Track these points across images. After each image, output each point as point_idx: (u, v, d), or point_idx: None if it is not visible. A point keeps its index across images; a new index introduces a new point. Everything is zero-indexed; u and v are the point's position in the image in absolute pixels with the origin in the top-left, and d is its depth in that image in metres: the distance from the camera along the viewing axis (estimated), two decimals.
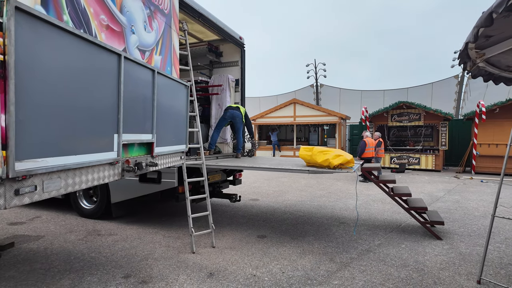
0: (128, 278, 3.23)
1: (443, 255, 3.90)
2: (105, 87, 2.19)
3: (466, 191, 8.47)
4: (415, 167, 13.24)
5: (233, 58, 6.87)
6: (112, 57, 2.24)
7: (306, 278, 3.27)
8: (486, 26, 1.85)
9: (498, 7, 1.67)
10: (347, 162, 4.03)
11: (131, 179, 4.88)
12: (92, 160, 2.09)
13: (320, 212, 6.12)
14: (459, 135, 14.36)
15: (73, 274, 3.32)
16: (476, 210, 6.32)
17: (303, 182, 10.04)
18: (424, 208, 4.71)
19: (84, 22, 2.06)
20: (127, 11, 2.58)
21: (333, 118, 15.77)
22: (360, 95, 23.47)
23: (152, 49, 3.05)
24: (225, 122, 6.00)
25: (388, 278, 3.27)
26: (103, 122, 2.19)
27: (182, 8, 4.48)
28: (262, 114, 17.75)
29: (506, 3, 1.60)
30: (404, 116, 13.57)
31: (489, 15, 1.75)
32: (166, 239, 4.46)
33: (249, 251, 4.00)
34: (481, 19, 1.83)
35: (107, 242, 4.31)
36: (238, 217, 5.72)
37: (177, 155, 3.62)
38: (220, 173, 5.78)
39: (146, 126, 2.79)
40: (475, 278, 3.25)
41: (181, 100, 3.58)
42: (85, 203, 5.49)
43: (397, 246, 4.23)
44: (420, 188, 9.01)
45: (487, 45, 2.52)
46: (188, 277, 3.26)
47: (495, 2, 1.69)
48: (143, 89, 2.72)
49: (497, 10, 1.67)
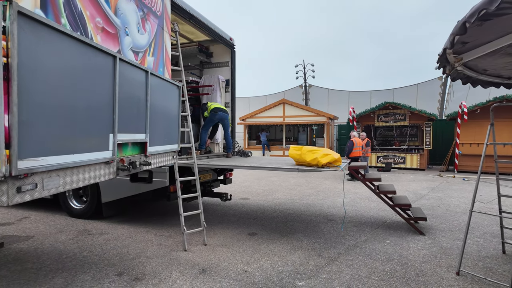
0: (121, 276, 3.28)
1: (426, 249, 4.09)
2: (101, 88, 2.25)
3: (448, 189, 8.79)
4: (401, 166, 13.60)
5: (224, 59, 6.95)
6: (108, 59, 2.29)
7: (295, 272, 3.39)
8: (461, 34, 2.01)
9: (470, 17, 1.82)
10: (335, 161, 4.17)
11: (122, 179, 4.90)
12: (89, 159, 2.14)
13: (309, 210, 6.27)
14: (442, 135, 14.81)
15: (66, 273, 3.34)
16: (457, 206, 6.59)
17: (292, 181, 10.19)
18: (408, 205, 4.90)
19: (81, 25, 2.11)
20: (121, 14, 2.64)
21: (321, 118, 16.01)
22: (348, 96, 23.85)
23: (145, 51, 3.11)
24: (212, 123, 6.07)
25: (374, 272, 3.42)
26: (100, 122, 2.25)
27: (173, 9, 4.54)
28: (252, 114, 17.86)
29: (477, 14, 1.76)
30: (390, 116, 13.92)
31: (462, 24, 1.90)
32: (158, 237, 4.50)
33: (240, 248, 4.10)
34: (456, 27, 1.98)
35: (98, 241, 4.33)
36: (229, 215, 5.81)
37: (169, 154, 3.69)
38: (211, 172, 5.85)
39: (140, 126, 2.85)
40: (455, 270, 3.44)
41: (173, 101, 3.65)
42: (75, 203, 5.47)
43: (383, 241, 4.41)
44: (405, 186, 9.29)
45: (464, 51, 2.69)
46: (181, 274, 3.33)
47: (468, 13, 1.84)
48: (137, 90, 2.78)
49: (470, 20, 1.82)
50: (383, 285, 3.11)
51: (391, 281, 3.19)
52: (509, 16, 1.94)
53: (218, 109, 5.95)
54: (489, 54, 2.80)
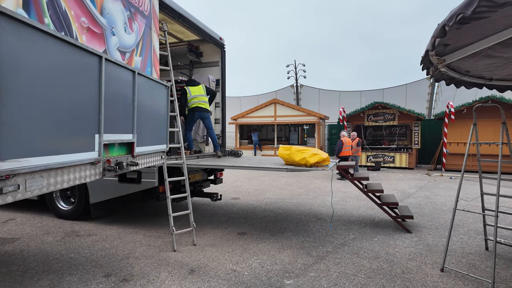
0: (109, 277, 3.26)
1: (412, 247, 4.17)
2: (86, 88, 2.24)
3: (436, 188, 8.96)
4: (390, 165, 13.79)
5: (214, 59, 6.94)
6: (93, 59, 2.28)
7: (284, 271, 3.42)
8: (441, 37, 2.06)
9: (449, 20, 1.88)
10: (323, 161, 4.22)
11: (111, 179, 4.86)
12: (74, 160, 2.13)
13: (299, 209, 6.32)
14: (431, 134, 15.08)
15: (52, 275, 3.30)
16: (444, 205, 6.73)
17: (283, 181, 10.24)
18: (395, 204, 4.99)
19: (65, 25, 2.09)
20: (108, 13, 2.62)
21: (312, 118, 16.12)
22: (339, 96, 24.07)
23: (133, 51, 3.10)
24: (193, 123, 6.01)
25: (361, 269, 3.48)
26: (85, 122, 2.24)
27: (162, 8, 4.52)
28: (243, 114, 17.87)
29: (455, 17, 1.81)
30: (380, 116, 14.10)
31: (442, 27, 1.96)
32: (147, 238, 4.48)
33: (230, 248, 4.11)
34: (436, 30, 2.04)
35: (86, 242, 4.29)
36: (219, 215, 5.81)
37: (158, 154, 3.68)
38: (201, 172, 5.84)
39: (127, 126, 2.84)
40: (439, 266, 3.52)
41: (161, 101, 3.64)
42: (62, 204, 5.40)
43: (370, 239, 4.47)
44: (394, 185, 9.43)
45: (446, 52, 2.76)
46: (169, 274, 3.33)
47: (447, 16, 1.90)
48: (123, 90, 2.77)
49: (448, 23, 1.87)
50: (370, 283, 3.16)
51: (378, 279, 3.25)
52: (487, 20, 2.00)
53: (196, 109, 5.78)
54: (470, 56, 2.88)
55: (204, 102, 5.85)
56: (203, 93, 5.87)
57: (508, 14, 1.93)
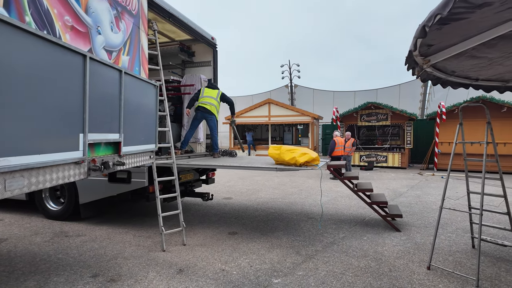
0: (96, 277, 3.24)
1: (400, 245, 4.21)
2: (70, 88, 2.22)
3: (427, 187, 9.05)
4: (383, 164, 13.89)
5: (206, 58, 6.93)
6: (77, 58, 2.27)
7: (272, 270, 3.43)
8: (421, 37, 2.09)
9: (428, 21, 1.90)
10: (313, 160, 4.24)
11: (100, 179, 4.83)
12: (57, 159, 2.11)
13: (291, 208, 6.34)
14: (423, 134, 15.21)
15: (39, 276, 3.28)
16: (434, 203, 6.80)
17: (276, 180, 10.26)
18: (385, 203, 5.03)
19: (47, 23, 2.08)
20: (93, 12, 2.61)
21: (306, 118, 16.17)
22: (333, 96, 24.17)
23: (120, 50, 3.08)
24: (197, 122, 6.05)
25: (349, 268, 3.50)
26: (68, 121, 2.23)
27: (152, 7, 4.50)
28: (238, 113, 17.84)
29: (433, 18, 1.84)
30: (373, 116, 14.19)
31: (422, 28, 1.98)
32: (137, 238, 4.47)
33: (220, 248, 4.11)
34: (417, 31, 2.07)
35: (75, 243, 4.26)
36: (211, 215, 5.81)
37: (146, 154, 3.66)
38: (192, 172, 5.83)
39: (113, 126, 2.83)
40: (426, 264, 3.56)
41: (150, 100, 3.63)
42: (52, 204, 5.35)
43: (360, 238, 4.51)
44: (386, 184, 9.51)
45: (431, 53, 2.79)
46: (157, 274, 3.32)
47: (426, 17, 1.92)
48: (109, 90, 2.76)
49: (428, 24, 1.90)
50: (357, 281, 3.19)
51: (365, 277, 3.28)
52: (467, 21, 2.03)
53: (200, 108, 5.89)
54: (455, 57, 2.92)
55: (210, 104, 5.97)
56: (214, 96, 6.04)
57: (487, 15, 1.96)
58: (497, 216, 5.55)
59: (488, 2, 1.70)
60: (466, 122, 12.47)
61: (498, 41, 2.68)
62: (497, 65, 3.19)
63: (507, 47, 2.82)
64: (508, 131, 11.89)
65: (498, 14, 1.99)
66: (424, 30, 1.96)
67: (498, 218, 5.48)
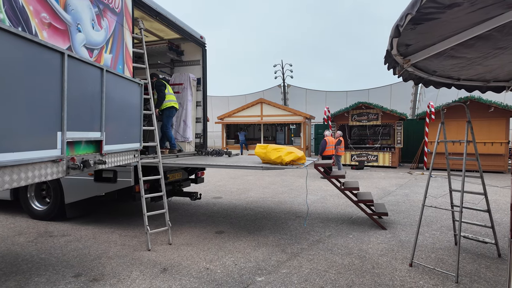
0: (79, 277, 3.22)
1: (385, 243, 4.26)
2: (47, 85, 2.20)
3: (415, 186, 9.15)
4: (374, 164, 14.01)
5: (195, 57, 6.92)
6: (54, 55, 2.25)
7: (257, 268, 3.45)
8: (396, 37, 2.12)
9: (400, 21, 1.93)
10: (298, 159, 4.26)
11: (86, 179, 4.79)
12: (33, 158, 2.09)
13: (280, 207, 6.36)
14: (413, 134, 15.38)
15: (20, 276, 3.24)
16: (421, 202, 6.87)
17: (267, 180, 10.28)
18: (371, 201, 5.08)
19: (23, 20, 2.06)
20: (72, 10, 2.59)
21: (298, 118, 16.22)
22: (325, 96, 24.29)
23: (102, 48, 3.06)
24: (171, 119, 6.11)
25: (332, 265, 3.53)
26: (45, 120, 2.21)
27: (138, 6, 4.48)
28: (230, 113, 17.84)
29: (404, 18, 1.87)
30: (364, 116, 14.30)
31: (396, 27, 2.01)
32: (122, 238, 4.44)
33: (205, 247, 4.11)
34: (392, 30, 2.10)
35: (59, 243, 4.22)
36: (199, 214, 5.80)
37: (130, 153, 3.64)
38: (180, 171, 5.82)
39: (94, 124, 2.81)
40: (409, 262, 3.61)
41: (134, 99, 3.61)
42: (37, 204, 5.29)
43: (345, 236, 4.55)
44: (376, 183, 9.59)
45: (410, 52, 2.83)
46: (141, 273, 3.31)
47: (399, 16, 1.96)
48: (90, 88, 2.74)
49: (400, 23, 1.93)
50: (339, 278, 3.22)
51: (348, 274, 3.31)
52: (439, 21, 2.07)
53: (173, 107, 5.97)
54: (434, 56, 2.96)
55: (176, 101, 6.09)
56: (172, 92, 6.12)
57: (458, 16, 2.00)
58: (481, 214, 5.64)
59: (457, 3, 1.74)
60: (455, 122, 12.68)
61: (476, 42, 2.73)
62: (476, 65, 3.25)
63: (485, 47, 2.87)
64: (495, 130, 12.10)
65: (470, 14, 2.03)
66: (398, 30, 1.99)
67: (482, 216, 5.58)
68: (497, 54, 3.02)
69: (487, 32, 2.49)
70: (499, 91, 4.16)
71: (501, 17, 2.27)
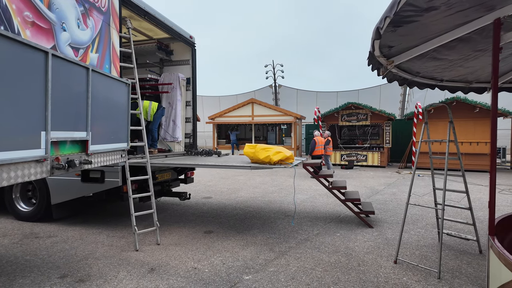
0: (64, 278, 3.19)
1: (371, 241, 4.33)
2: (31, 85, 2.19)
3: (403, 185, 9.31)
4: (363, 163, 14.18)
5: (184, 57, 6.90)
6: (38, 54, 2.23)
7: (244, 267, 3.47)
8: (377, 39, 2.18)
9: (380, 23, 1.99)
10: (287, 159, 4.31)
11: (73, 179, 4.74)
12: (16, 157, 2.08)
13: (269, 207, 6.40)
14: (402, 134, 15.62)
15: (3, 278, 3.19)
16: None
17: (258, 180, 10.31)
18: (358, 200, 5.16)
19: (5, 19, 2.04)
20: (57, 8, 2.57)
21: (289, 118, 16.30)
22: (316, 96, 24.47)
23: (88, 47, 3.04)
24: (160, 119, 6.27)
25: (319, 263, 3.58)
26: (29, 119, 2.19)
27: (126, 5, 4.45)
28: (221, 113, 17.81)
29: (384, 20, 1.92)
30: (353, 116, 14.47)
31: (376, 29, 2.07)
32: (110, 238, 4.41)
33: (194, 246, 4.11)
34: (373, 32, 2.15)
35: (45, 244, 4.16)
36: (188, 214, 5.79)
37: (117, 153, 3.63)
38: (170, 171, 5.80)
39: (80, 124, 2.79)
40: (393, 259, 3.68)
41: (121, 98, 3.59)
42: (22, 205, 5.20)
43: (333, 234, 4.61)
44: (364, 182, 9.72)
45: (393, 54, 2.90)
46: (128, 274, 3.30)
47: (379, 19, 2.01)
48: (75, 87, 2.72)
49: (380, 26, 1.99)
50: (326, 275, 3.27)
51: (334, 271, 3.36)
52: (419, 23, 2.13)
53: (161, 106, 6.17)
54: (417, 58, 3.04)
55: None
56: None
57: (437, 19, 2.06)
58: (466, 212, 5.78)
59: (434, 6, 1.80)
60: (442, 122, 12.93)
61: (457, 44, 2.81)
62: (457, 66, 3.34)
63: (465, 49, 2.96)
64: (481, 130, 12.38)
65: (449, 17, 2.09)
66: (378, 32, 2.04)
67: (467, 213, 5.71)
68: (478, 56, 3.11)
69: (467, 34, 2.57)
70: (481, 92, 4.28)
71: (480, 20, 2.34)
